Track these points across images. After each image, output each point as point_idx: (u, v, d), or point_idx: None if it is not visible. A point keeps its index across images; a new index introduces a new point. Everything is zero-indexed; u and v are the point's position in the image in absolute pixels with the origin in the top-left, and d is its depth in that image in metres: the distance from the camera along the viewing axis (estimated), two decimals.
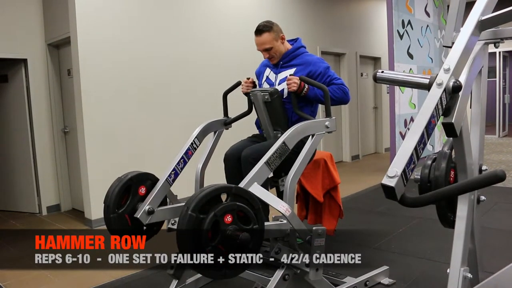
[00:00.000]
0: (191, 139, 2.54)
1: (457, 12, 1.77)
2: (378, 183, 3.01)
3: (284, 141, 2.20)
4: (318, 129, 2.35)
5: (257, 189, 2.05)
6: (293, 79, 2.46)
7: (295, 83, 2.45)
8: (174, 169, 2.39)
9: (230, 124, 2.77)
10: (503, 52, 10.33)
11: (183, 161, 2.46)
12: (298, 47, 2.72)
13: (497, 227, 3.72)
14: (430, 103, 1.31)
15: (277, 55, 2.69)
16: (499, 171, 1.07)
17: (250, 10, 5.98)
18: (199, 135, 2.59)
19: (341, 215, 3.50)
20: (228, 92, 2.78)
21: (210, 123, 2.68)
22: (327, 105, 2.40)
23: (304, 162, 2.24)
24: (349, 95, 2.61)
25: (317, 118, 2.49)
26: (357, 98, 8.27)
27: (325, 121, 2.37)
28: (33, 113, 4.88)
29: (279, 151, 2.18)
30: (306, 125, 2.30)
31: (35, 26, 4.83)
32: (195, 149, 2.54)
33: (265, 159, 2.14)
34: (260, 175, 2.11)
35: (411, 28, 6.63)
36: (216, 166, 2.80)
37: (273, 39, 2.64)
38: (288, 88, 2.48)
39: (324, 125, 2.36)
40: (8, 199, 5.19)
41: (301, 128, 2.28)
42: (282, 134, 2.67)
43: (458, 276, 1.58)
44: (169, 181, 2.37)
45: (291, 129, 2.25)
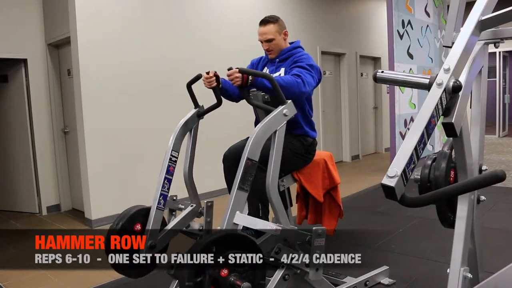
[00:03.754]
0: (168, 154, 2.41)
1: (457, 12, 1.77)
2: (378, 183, 3.01)
3: (248, 157, 2.03)
4: (276, 123, 2.13)
5: (241, 218, 2.00)
6: (233, 73, 2.26)
7: (237, 78, 2.26)
8: (161, 194, 2.33)
9: (203, 115, 2.60)
10: (503, 52, 10.33)
11: (168, 181, 2.37)
12: (295, 47, 2.71)
13: (497, 227, 3.72)
14: (430, 103, 1.31)
15: (276, 49, 2.69)
16: (499, 171, 1.07)
17: (250, 11, 5.99)
18: (175, 145, 2.45)
19: (341, 215, 3.49)
20: (191, 84, 2.61)
21: (182, 126, 2.51)
22: (276, 91, 2.17)
23: (276, 165, 2.11)
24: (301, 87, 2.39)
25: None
26: (357, 98, 8.28)
27: (282, 110, 2.14)
28: (33, 113, 4.88)
29: (248, 170, 2.04)
30: (264, 128, 2.10)
31: (35, 26, 4.84)
32: (175, 162, 2.42)
33: (236, 184, 2.02)
34: (239, 202, 2.02)
35: (411, 28, 6.63)
36: (216, 166, 2.79)
37: (276, 31, 2.67)
38: (233, 83, 2.30)
39: (282, 114, 2.14)
40: (8, 199, 5.19)
41: (259, 135, 2.08)
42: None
43: (458, 276, 1.58)
44: (160, 207, 2.33)
45: (249, 142, 2.06)
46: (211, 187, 4.95)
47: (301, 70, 2.47)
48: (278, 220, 2.12)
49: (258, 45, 2.83)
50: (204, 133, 2.77)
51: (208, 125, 4.98)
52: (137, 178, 4.68)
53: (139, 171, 4.72)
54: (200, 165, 4.86)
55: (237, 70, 2.25)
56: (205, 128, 2.91)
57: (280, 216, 2.12)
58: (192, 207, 2.48)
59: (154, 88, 4.91)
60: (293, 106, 2.18)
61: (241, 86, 2.29)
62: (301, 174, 2.81)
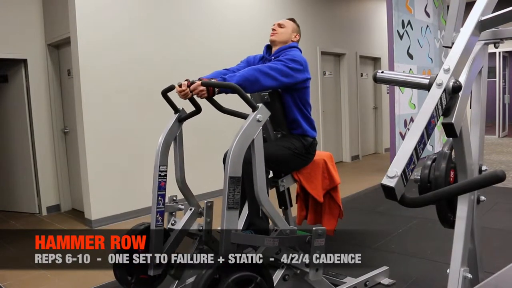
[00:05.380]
0: (156, 171, 2.38)
1: (457, 13, 1.77)
2: (378, 183, 3.01)
3: (229, 176, 1.97)
4: (252, 132, 2.03)
5: (238, 238, 1.99)
6: (197, 88, 2.18)
7: (202, 91, 2.18)
8: (157, 212, 2.34)
9: (185, 120, 2.54)
10: (503, 52, 10.33)
11: (162, 197, 2.36)
12: (291, 46, 2.70)
13: (497, 227, 3.72)
14: (430, 103, 1.31)
15: (278, 36, 2.71)
16: (499, 171, 1.07)
17: (250, 11, 5.98)
18: (162, 160, 2.40)
19: (341, 216, 3.49)
20: (166, 92, 2.53)
21: (165, 138, 2.46)
22: (243, 97, 2.07)
23: (261, 175, 2.04)
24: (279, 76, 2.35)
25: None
26: (357, 98, 8.28)
27: (255, 117, 2.04)
28: (33, 113, 4.88)
29: (232, 187, 1.99)
30: (240, 142, 2.01)
31: (35, 26, 4.84)
32: (165, 176, 2.40)
33: (224, 204, 1.98)
34: (232, 221, 1.99)
35: (411, 28, 6.64)
36: (215, 167, 2.79)
37: (291, 26, 2.76)
38: (198, 97, 2.23)
39: (256, 121, 2.03)
40: (8, 199, 5.19)
41: (237, 151, 1.99)
42: (283, 134, 2.67)
43: (458, 276, 1.58)
44: (158, 225, 2.33)
45: (228, 161, 1.99)
46: (210, 187, 4.95)
47: (274, 62, 2.44)
48: (275, 225, 2.11)
49: (258, 46, 2.84)
50: (203, 134, 2.76)
51: (207, 126, 4.99)
52: (137, 178, 4.68)
53: (139, 171, 4.72)
54: (199, 166, 4.88)
55: (199, 83, 2.17)
56: (204, 129, 2.91)
57: (277, 221, 2.11)
58: (191, 210, 2.49)
59: (154, 89, 4.89)
60: (265, 108, 2.07)
61: (208, 97, 2.22)
62: (301, 174, 2.81)
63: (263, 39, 3.00)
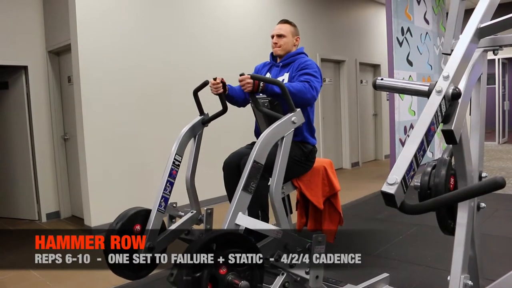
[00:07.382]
0: (171, 158, 2.41)
1: (456, 20, 1.78)
2: (378, 190, 3.00)
3: (254, 160, 2.05)
4: (285, 130, 2.17)
5: (243, 219, 2.00)
6: (245, 79, 2.29)
7: (249, 84, 2.29)
8: (162, 196, 2.33)
9: (208, 122, 2.63)
10: (502, 59, 10.36)
11: (170, 184, 2.37)
12: (299, 53, 2.76)
13: (498, 234, 3.71)
14: (430, 110, 1.31)
15: (283, 47, 2.74)
16: (499, 178, 1.07)
17: (250, 18, 6.01)
18: (179, 150, 2.46)
19: (341, 222, 3.49)
20: (197, 90, 2.64)
21: (187, 132, 2.53)
22: (286, 99, 2.20)
23: (281, 171, 2.13)
24: (312, 93, 2.46)
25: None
26: (357, 105, 8.29)
27: (291, 118, 2.18)
28: (33, 120, 4.88)
29: (253, 172, 2.05)
30: (272, 133, 2.13)
31: (35, 33, 4.85)
32: (178, 166, 2.42)
33: (241, 185, 2.03)
34: (242, 203, 2.03)
35: (411, 35, 6.66)
36: (216, 174, 2.79)
37: (290, 31, 2.78)
38: (244, 89, 2.33)
39: (291, 122, 2.18)
40: (8, 205, 5.18)
41: (268, 139, 2.11)
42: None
43: (459, 284, 1.58)
44: (160, 210, 2.32)
45: (257, 145, 2.08)
46: (211, 194, 4.94)
47: (309, 77, 2.52)
48: (279, 226, 2.11)
49: (259, 52, 2.85)
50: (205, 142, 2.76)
51: (208, 134, 4.99)
52: (138, 185, 4.67)
53: (139, 178, 4.71)
54: (200, 172, 4.86)
55: (249, 76, 2.29)
56: (205, 137, 2.91)
57: (282, 222, 2.12)
58: (192, 213, 2.48)
59: (154, 95, 4.92)
60: (301, 114, 2.21)
61: (251, 92, 2.33)
62: (301, 181, 2.81)
63: (265, 46, 3.02)
